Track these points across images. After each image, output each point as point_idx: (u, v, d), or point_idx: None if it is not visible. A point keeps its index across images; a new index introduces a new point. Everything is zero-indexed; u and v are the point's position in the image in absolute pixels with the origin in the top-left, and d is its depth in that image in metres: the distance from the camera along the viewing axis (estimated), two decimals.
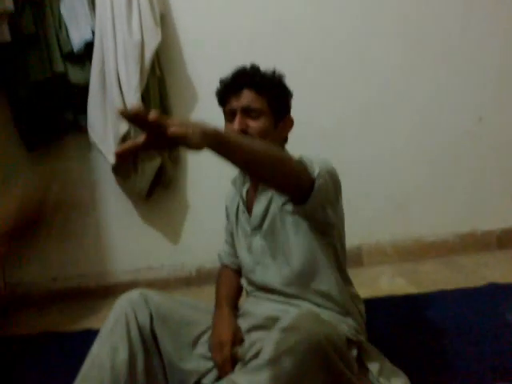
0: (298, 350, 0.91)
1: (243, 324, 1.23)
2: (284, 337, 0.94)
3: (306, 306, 1.19)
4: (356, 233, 1.35)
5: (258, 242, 1.27)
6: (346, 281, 1.27)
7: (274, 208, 1.23)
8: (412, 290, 1.95)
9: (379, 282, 2.11)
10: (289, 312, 1.06)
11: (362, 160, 2.27)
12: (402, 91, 2.31)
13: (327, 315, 1.17)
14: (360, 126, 2.31)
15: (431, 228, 2.36)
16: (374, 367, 1.16)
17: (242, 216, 1.34)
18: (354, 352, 1.15)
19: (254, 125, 1.20)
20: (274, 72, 1.26)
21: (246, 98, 1.21)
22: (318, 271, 1.20)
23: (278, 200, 1.22)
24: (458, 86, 2.30)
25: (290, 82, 1.27)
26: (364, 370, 1.14)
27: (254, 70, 1.25)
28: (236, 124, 1.20)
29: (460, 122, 2.32)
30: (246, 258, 1.31)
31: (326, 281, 1.21)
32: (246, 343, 1.18)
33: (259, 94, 1.21)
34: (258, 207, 1.26)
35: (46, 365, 1.65)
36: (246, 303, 1.33)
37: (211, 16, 2.27)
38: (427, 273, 2.15)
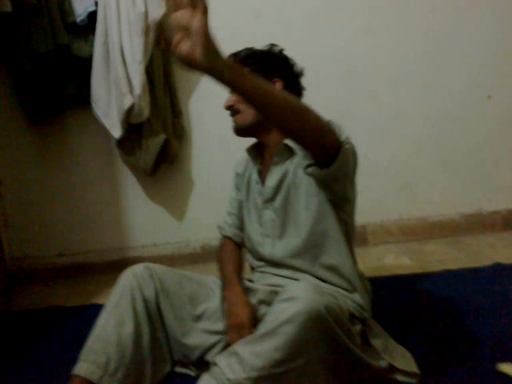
0: (297, 319, 0.92)
1: (251, 300, 1.23)
2: (284, 307, 0.96)
3: (312, 280, 1.19)
4: (361, 212, 1.33)
5: (268, 215, 1.26)
6: (354, 257, 1.26)
7: (288, 180, 1.22)
8: (417, 269, 1.95)
9: (384, 261, 2.11)
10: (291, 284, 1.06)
11: (368, 139, 2.24)
12: (408, 68, 2.27)
13: (333, 290, 1.17)
14: (366, 106, 2.28)
15: (436, 207, 2.34)
16: (377, 343, 1.16)
17: (255, 187, 1.32)
18: (358, 327, 1.15)
19: (238, 98, 1.22)
20: (262, 49, 1.29)
21: None
22: (328, 245, 1.20)
23: (295, 170, 1.21)
24: (466, 64, 2.26)
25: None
26: (367, 346, 1.15)
27: (249, 48, 1.28)
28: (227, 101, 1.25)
29: (468, 99, 2.28)
30: (255, 231, 1.31)
31: (335, 255, 1.20)
32: None
33: (244, 65, 1.23)
34: (272, 179, 1.25)
35: (52, 339, 1.66)
36: (252, 278, 1.33)
37: None
38: (432, 252, 2.15)
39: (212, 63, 0.78)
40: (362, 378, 1.07)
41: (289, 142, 1.22)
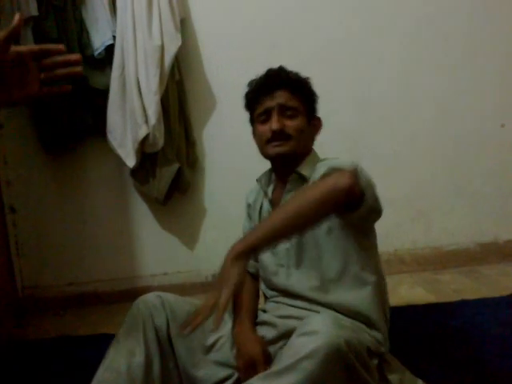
0: (317, 354, 0.89)
1: (267, 334, 1.19)
2: (303, 341, 0.93)
3: (331, 313, 1.16)
4: None
5: (282, 244, 1.25)
6: (381, 284, 1.22)
7: None
8: (432, 299, 1.91)
9: (398, 291, 2.07)
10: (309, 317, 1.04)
11: (382, 165, 2.24)
12: (422, 96, 2.28)
13: (351, 323, 1.13)
14: (379, 131, 2.28)
15: (451, 236, 2.31)
16: (394, 378, 1.13)
17: (267, 216, 1.32)
18: (375, 361, 1.12)
19: (291, 124, 1.21)
20: (301, 75, 1.28)
21: (282, 97, 1.22)
22: (349, 278, 1.16)
23: None
24: (480, 92, 2.27)
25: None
26: (384, 381, 1.11)
27: (286, 71, 1.27)
28: (274, 122, 1.20)
29: (482, 128, 2.28)
30: (268, 260, 1.28)
31: (356, 290, 1.17)
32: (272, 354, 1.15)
33: (293, 93, 1.22)
34: None
35: (63, 369, 1.65)
36: (266, 308, 1.31)
37: (231, 21, 2.27)
38: (447, 282, 2.11)
39: None
40: None
41: (301, 169, 1.22)
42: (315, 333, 0.92)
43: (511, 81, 2.26)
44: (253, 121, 1.31)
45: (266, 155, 1.26)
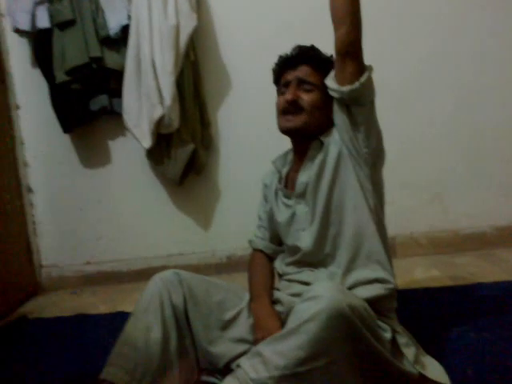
0: (319, 317, 0.91)
1: (279, 309, 1.21)
2: (307, 306, 0.95)
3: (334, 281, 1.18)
4: (390, 223, 1.31)
5: (302, 209, 1.25)
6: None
7: (326, 165, 1.21)
8: (448, 282, 1.89)
9: (414, 273, 2.06)
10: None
11: (399, 149, 2.21)
12: (440, 81, 2.24)
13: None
14: (397, 114, 2.25)
15: (468, 220, 2.28)
16: (409, 353, 1.13)
17: (281, 193, 1.33)
18: (388, 335, 1.12)
19: (305, 97, 1.21)
20: (328, 55, 1.28)
21: (303, 71, 1.23)
22: (366, 235, 1.19)
23: (328, 153, 1.21)
24: (499, 78, 2.21)
25: None
26: (399, 355, 1.12)
27: (313, 48, 1.28)
28: (289, 93, 1.21)
29: (500, 111, 2.23)
30: (290, 231, 1.29)
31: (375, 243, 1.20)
32: None
33: (315, 69, 1.23)
34: (303, 177, 1.25)
35: (80, 346, 1.68)
36: (279, 287, 1.32)
37: (247, 1, 2.24)
38: (463, 265, 2.09)
39: None
40: (390, 381, 1.04)
41: (323, 137, 1.23)
42: (318, 297, 0.95)
43: None
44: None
45: (279, 128, 1.26)
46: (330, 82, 1.16)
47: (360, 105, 1.15)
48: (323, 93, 1.21)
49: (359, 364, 0.97)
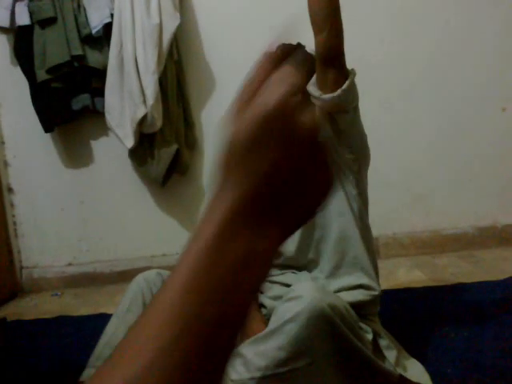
0: (300, 317, 0.91)
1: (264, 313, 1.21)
2: (287, 306, 0.95)
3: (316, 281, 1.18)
4: (373, 224, 1.32)
5: None
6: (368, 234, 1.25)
7: None
8: (430, 283, 1.91)
9: (396, 274, 2.08)
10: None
11: (381, 150, 2.22)
12: (421, 79, 2.25)
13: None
14: (378, 116, 2.26)
15: (450, 220, 2.31)
16: (390, 355, 1.13)
17: None
18: (369, 336, 1.12)
19: None
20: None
21: None
22: (350, 241, 1.19)
23: None
24: (480, 75, 2.24)
25: None
26: (380, 357, 1.12)
27: (300, 46, 1.26)
28: None
29: (483, 112, 2.26)
30: None
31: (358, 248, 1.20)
32: None
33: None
34: None
35: (61, 348, 1.66)
36: (261, 289, 1.31)
37: (232, 0, 2.24)
38: (445, 266, 2.11)
39: None
40: (372, 381, 1.04)
41: None
42: (299, 298, 0.95)
43: None
44: None
45: None
46: (312, 88, 1.15)
47: (343, 112, 1.14)
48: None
49: (341, 364, 0.97)
